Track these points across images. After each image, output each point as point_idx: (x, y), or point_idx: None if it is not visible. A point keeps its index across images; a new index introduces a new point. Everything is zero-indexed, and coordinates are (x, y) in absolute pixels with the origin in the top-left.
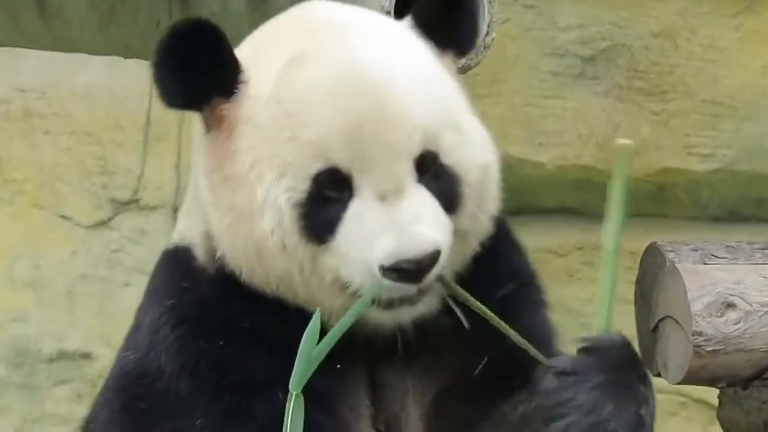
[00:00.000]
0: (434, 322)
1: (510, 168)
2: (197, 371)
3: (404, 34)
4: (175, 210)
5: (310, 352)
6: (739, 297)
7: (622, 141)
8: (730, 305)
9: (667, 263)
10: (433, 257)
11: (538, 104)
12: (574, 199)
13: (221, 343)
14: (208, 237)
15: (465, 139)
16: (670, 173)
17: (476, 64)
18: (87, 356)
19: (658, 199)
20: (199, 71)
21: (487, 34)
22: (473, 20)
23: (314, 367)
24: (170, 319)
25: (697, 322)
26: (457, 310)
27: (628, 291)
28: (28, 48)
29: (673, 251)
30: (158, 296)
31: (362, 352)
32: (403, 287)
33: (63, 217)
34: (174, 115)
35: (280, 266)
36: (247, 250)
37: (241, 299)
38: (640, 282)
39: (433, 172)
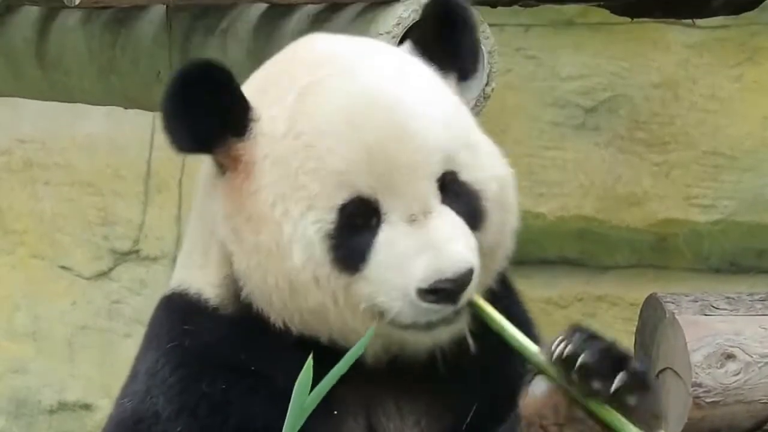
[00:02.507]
0: (435, 370)
1: None
2: (196, 414)
3: (407, 58)
4: (176, 260)
5: (302, 401)
6: (739, 348)
7: None
8: (730, 356)
9: (667, 314)
10: (469, 275)
11: (539, 155)
12: (574, 249)
13: (223, 386)
14: (232, 281)
15: (479, 155)
16: (671, 224)
17: (477, 115)
18: (87, 407)
19: (659, 250)
20: (208, 113)
21: (487, 84)
22: (472, 42)
23: (306, 415)
24: (169, 361)
25: (696, 373)
26: (469, 336)
27: (628, 342)
28: (28, 98)
29: (672, 302)
30: (156, 341)
31: (359, 398)
32: (440, 309)
33: (63, 267)
34: (175, 165)
35: (313, 300)
36: (279, 287)
37: (255, 342)
38: (639, 333)
39: (455, 191)
